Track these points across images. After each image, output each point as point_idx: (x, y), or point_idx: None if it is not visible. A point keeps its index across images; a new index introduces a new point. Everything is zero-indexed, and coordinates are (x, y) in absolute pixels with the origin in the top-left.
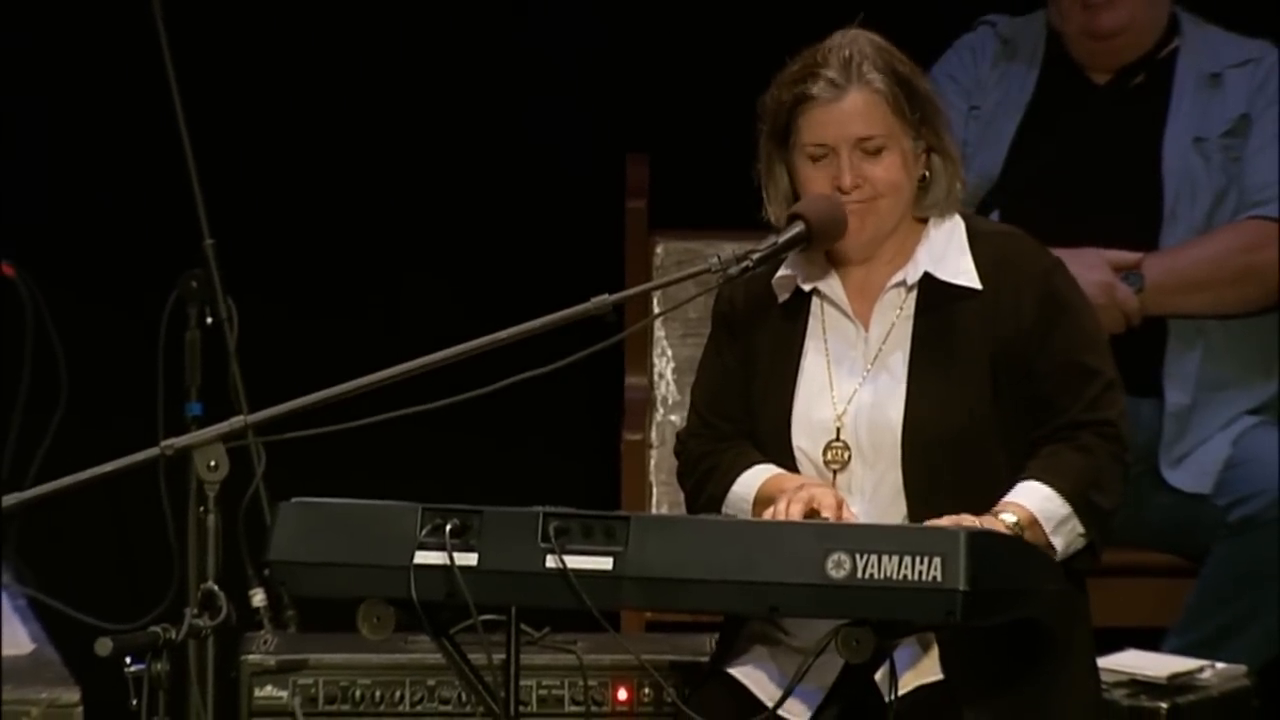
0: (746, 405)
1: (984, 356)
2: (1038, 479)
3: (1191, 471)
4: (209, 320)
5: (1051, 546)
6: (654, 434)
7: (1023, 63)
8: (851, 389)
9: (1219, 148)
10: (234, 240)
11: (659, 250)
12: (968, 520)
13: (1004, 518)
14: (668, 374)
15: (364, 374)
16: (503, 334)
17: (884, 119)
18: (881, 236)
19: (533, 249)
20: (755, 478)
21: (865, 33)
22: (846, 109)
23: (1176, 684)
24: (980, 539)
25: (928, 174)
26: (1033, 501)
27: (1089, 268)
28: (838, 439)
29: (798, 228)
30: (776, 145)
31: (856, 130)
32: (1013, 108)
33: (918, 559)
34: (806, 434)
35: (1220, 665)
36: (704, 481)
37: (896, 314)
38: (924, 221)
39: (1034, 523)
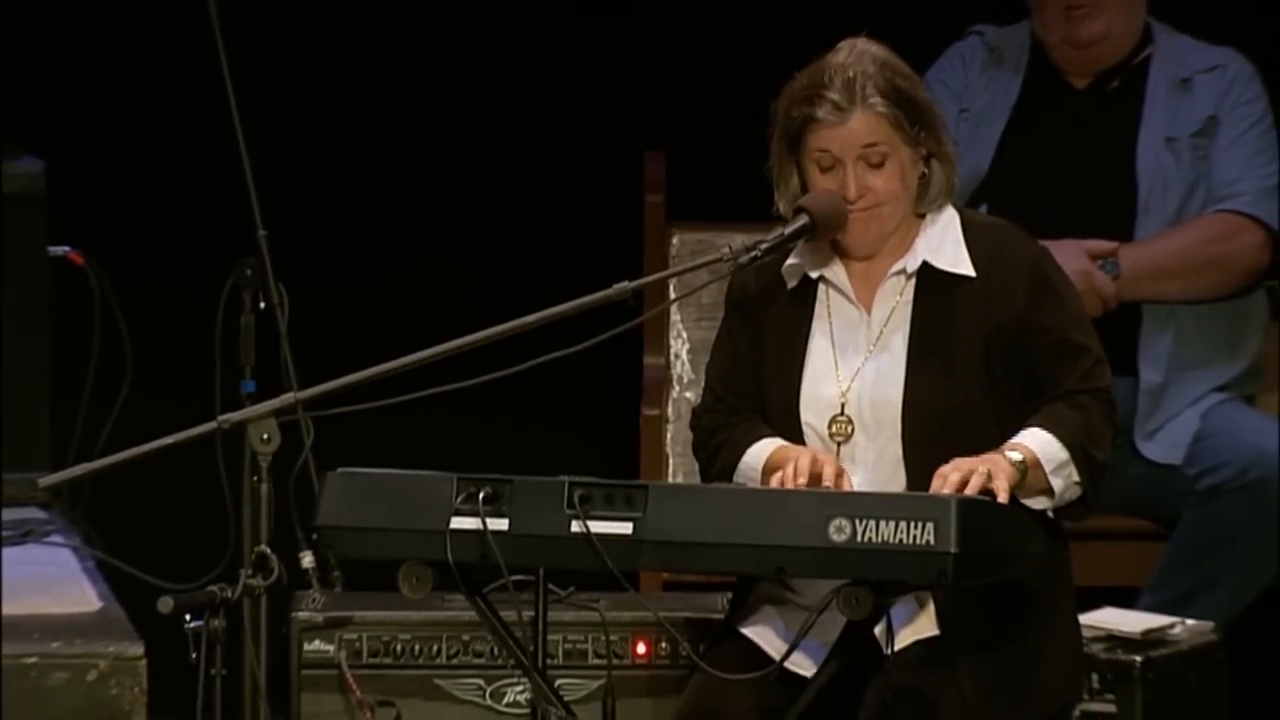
0: (757, 383)
1: (978, 338)
2: (1040, 426)
3: (1163, 444)
4: (262, 305)
5: (1049, 490)
6: (670, 410)
7: (1009, 69)
8: (855, 368)
9: (1189, 147)
10: (286, 232)
11: (675, 240)
12: (968, 464)
13: (1010, 455)
14: (683, 354)
15: (403, 355)
16: (530, 318)
17: (886, 136)
18: (884, 239)
19: (558, 241)
20: (764, 449)
21: (870, 46)
22: (851, 129)
23: (1150, 639)
24: (970, 506)
25: (926, 172)
26: (1036, 444)
27: (1069, 257)
28: (842, 414)
29: (802, 219)
30: (787, 147)
31: (860, 144)
32: (999, 110)
33: (912, 524)
34: (813, 409)
35: (1190, 621)
36: (717, 453)
37: (897, 299)
38: (922, 216)
39: (1037, 463)
